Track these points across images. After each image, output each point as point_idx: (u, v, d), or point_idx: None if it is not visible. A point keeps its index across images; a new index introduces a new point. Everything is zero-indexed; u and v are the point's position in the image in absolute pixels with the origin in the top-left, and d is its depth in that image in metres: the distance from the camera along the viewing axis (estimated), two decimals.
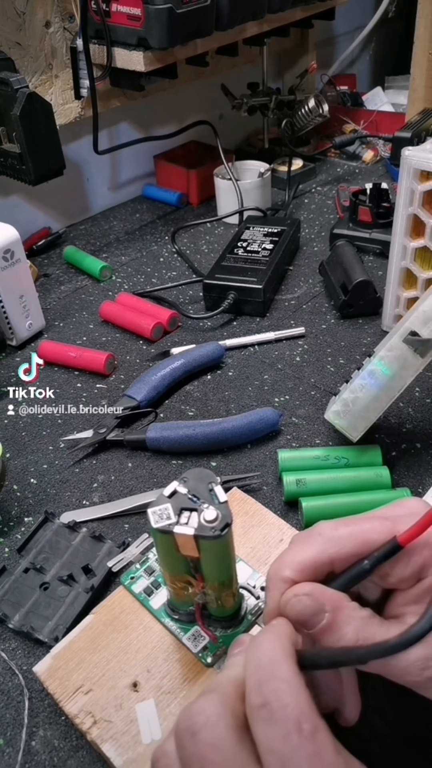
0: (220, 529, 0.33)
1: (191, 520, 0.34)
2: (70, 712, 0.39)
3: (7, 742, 0.41)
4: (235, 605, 0.41)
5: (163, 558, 0.37)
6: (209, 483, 0.35)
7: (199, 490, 0.35)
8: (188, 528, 0.34)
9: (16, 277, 0.70)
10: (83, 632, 0.43)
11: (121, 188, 1.05)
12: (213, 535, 0.33)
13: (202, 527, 0.33)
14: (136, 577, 0.45)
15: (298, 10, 0.97)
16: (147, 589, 0.44)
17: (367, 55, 1.44)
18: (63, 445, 0.62)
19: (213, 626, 0.41)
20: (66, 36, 0.84)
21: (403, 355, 0.52)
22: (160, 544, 0.36)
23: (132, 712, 0.38)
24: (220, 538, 0.33)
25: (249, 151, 1.14)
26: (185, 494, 0.35)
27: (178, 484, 0.35)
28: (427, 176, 0.61)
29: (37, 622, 0.46)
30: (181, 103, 1.06)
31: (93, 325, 0.78)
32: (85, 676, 0.40)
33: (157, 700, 0.39)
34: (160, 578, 0.44)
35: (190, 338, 0.74)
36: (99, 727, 0.38)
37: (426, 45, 0.95)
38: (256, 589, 0.43)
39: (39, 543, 0.51)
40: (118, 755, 0.37)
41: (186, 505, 0.34)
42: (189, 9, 0.76)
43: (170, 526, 0.34)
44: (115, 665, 0.41)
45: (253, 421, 0.59)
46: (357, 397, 0.54)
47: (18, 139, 0.73)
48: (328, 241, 0.88)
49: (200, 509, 0.34)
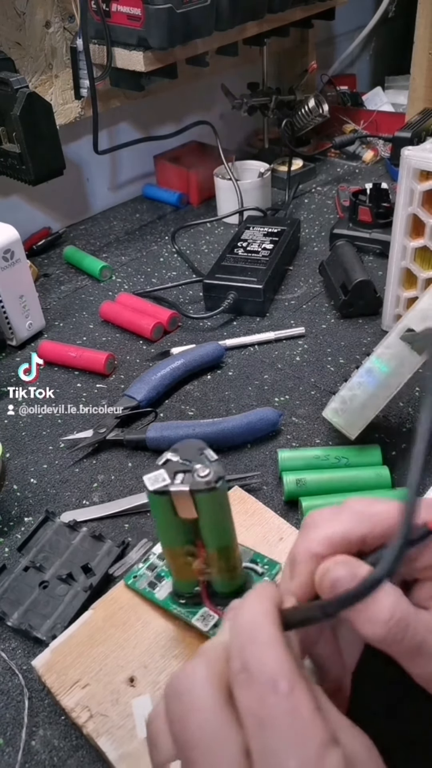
0: (214, 481, 0.35)
1: (185, 479, 0.35)
2: (66, 706, 0.39)
3: (6, 742, 0.41)
4: (240, 578, 0.41)
5: (162, 527, 0.38)
6: (199, 448, 0.37)
7: (190, 455, 0.36)
8: (183, 485, 0.35)
9: (16, 277, 0.70)
10: (82, 627, 0.43)
11: (121, 188, 1.05)
12: (208, 488, 0.34)
13: (196, 483, 0.35)
14: (139, 575, 0.45)
15: (298, 10, 0.97)
16: (150, 583, 0.44)
17: (367, 55, 1.44)
18: (63, 445, 0.62)
19: (220, 605, 0.41)
20: (66, 36, 0.84)
21: (401, 352, 0.52)
22: (158, 510, 0.37)
23: (128, 707, 0.39)
24: (215, 490, 0.35)
25: (249, 151, 1.15)
26: (177, 461, 0.36)
27: (171, 453, 0.37)
28: (427, 176, 0.61)
29: (36, 621, 0.46)
30: (181, 103, 1.06)
31: (93, 325, 0.78)
32: (82, 670, 0.41)
33: (153, 695, 0.39)
34: (162, 572, 0.45)
35: (190, 338, 0.74)
36: (95, 721, 0.38)
37: (426, 45, 0.95)
38: (260, 566, 0.44)
39: (39, 542, 0.51)
40: (113, 749, 0.37)
41: (179, 468, 0.36)
42: (189, 9, 0.76)
43: (166, 487, 0.35)
44: (113, 660, 0.41)
45: (253, 421, 0.59)
46: (355, 394, 0.54)
47: (18, 139, 0.73)
48: (328, 241, 0.88)
49: (193, 469, 0.35)
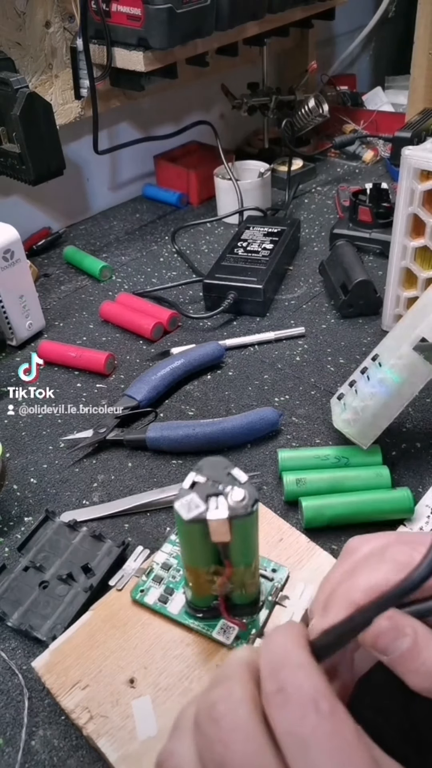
0: (251, 505, 0.34)
1: (221, 505, 0.34)
2: (66, 707, 0.39)
3: (6, 742, 0.41)
4: (257, 589, 0.41)
5: (190, 552, 0.37)
6: (225, 468, 0.35)
7: (218, 477, 0.35)
8: (221, 512, 0.34)
9: (16, 277, 0.70)
10: (82, 628, 0.43)
11: (121, 188, 1.05)
12: (247, 513, 0.33)
13: (233, 508, 0.33)
14: (146, 589, 0.44)
15: (298, 10, 0.97)
16: (161, 597, 0.43)
17: (367, 55, 1.44)
18: (63, 445, 0.62)
19: (238, 616, 0.41)
20: (66, 36, 0.84)
21: (414, 362, 0.52)
22: (188, 537, 0.36)
23: (128, 708, 0.39)
24: (252, 514, 0.34)
25: (249, 151, 1.14)
26: (205, 482, 0.35)
27: (195, 474, 0.35)
28: (427, 176, 0.61)
29: (36, 621, 0.46)
30: (181, 103, 1.06)
31: (93, 325, 0.78)
32: (82, 671, 0.41)
33: (154, 696, 0.39)
34: (171, 584, 0.44)
35: (190, 338, 0.74)
36: (95, 722, 0.38)
37: (426, 45, 0.95)
38: (268, 572, 0.44)
39: (39, 542, 0.51)
40: (113, 750, 0.37)
41: (210, 491, 0.34)
42: (189, 9, 0.76)
43: (202, 514, 0.34)
44: (113, 661, 0.41)
45: (253, 421, 0.59)
46: (367, 405, 0.53)
47: (18, 139, 0.73)
48: (328, 241, 0.88)
49: (226, 492, 0.34)
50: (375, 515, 0.52)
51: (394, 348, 0.53)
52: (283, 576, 0.44)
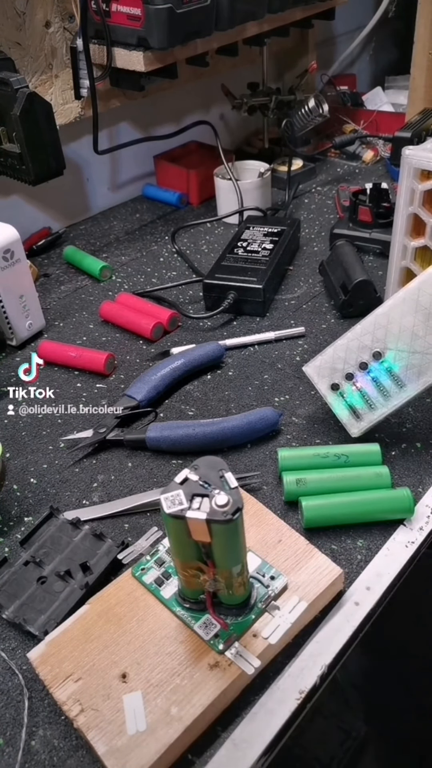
0: (231, 514, 0.34)
1: (203, 506, 0.34)
2: (59, 699, 0.39)
3: (6, 742, 0.41)
4: (245, 593, 0.41)
5: (175, 544, 0.38)
6: (220, 470, 0.36)
7: (210, 477, 0.36)
8: (200, 513, 0.34)
9: (16, 277, 0.70)
10: (78, 621, 0.43)
11: (121, 188, 1.05)
12: (224, 519, 0.34)
13: (213, 512, 0.34)
14: (147, 568, 0.45)
15: (298, 10, 0.97)
16: (158, 579, 0.44)
17: (367, 55, 1.44)
18: (63, 445, 0.62)
19: (223, 614, 0.42)
20: (66, 36, 0.84)
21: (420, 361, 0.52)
22: (172, 530, 0.36)
23: (119, 702, 0.39)
24: (232, 522, 0.34)
25: (249, 151, 1.14)
26: (196, 481, 0.35)
27: (190, 471, 0.36)
28: (428, 176, 0.61)
29: (30, 615, 0.46)
30: (181, 103, 1.06)
31: (93, 325, 0.78)
32: (76, 664, 0.41)
33: (145, 692, 0.39)
34: (170, 569, 0.45)
35: (190, 338, 0.74)
36: (86, 715, 0.39)
37: (426, 45, 0.95)
38: (266, 578, 0.44)
39: (42, 537, 0.51)
40: (102, 743, 0.37)
41: (197, 491, 0.35)
42: (189, 9, 0.76)
43: (182, 512, 0.34)
44: (107, 656, 0.41)
45: (253, 421, 0.59)
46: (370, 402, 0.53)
47: (18, 139, 0.73)
48: (328, 241, 0.88)
49: (212, 495, 0.35)
50: (375, 515, 0.52)
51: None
52: (279, 585, 0.44)
